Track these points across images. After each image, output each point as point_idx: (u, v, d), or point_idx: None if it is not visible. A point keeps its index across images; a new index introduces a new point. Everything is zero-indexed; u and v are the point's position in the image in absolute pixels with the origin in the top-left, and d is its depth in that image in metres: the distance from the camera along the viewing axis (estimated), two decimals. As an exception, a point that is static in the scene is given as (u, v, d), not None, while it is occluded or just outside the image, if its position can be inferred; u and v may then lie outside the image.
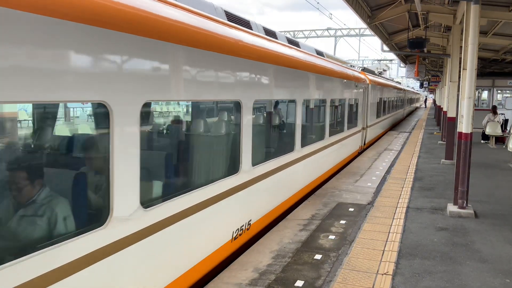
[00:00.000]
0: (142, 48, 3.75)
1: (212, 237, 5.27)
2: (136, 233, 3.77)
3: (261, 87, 6.53)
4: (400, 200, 8.81)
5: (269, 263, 5.53)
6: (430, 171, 12.13)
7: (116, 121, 3.46)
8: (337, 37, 35.41)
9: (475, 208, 8.07)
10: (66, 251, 3.06)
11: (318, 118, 10.20)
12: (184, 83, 4.46)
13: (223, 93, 5.35)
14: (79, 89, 3.11)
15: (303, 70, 8.38)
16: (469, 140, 7.82)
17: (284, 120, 8.66)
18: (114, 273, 3.57)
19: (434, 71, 31.92)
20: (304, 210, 8.01)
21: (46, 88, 2.85)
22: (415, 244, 6.30)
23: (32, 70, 2.75)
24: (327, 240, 6.38)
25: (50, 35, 2.85)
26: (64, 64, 2.99)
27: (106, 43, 3.32)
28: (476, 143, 16.66)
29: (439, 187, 10.07)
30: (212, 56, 4.95)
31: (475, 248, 6.21)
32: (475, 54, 7.58)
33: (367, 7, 13.54)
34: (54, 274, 2.96)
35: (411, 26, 15.25)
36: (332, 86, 10.81)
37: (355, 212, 7.92)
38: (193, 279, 4.87)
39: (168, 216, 4.23)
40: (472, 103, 7.76)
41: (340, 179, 10.85)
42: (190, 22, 4.65)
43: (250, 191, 6.13)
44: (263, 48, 6.67)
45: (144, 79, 3.80)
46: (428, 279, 5.14)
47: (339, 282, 4.97)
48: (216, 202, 5.17)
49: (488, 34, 14.57)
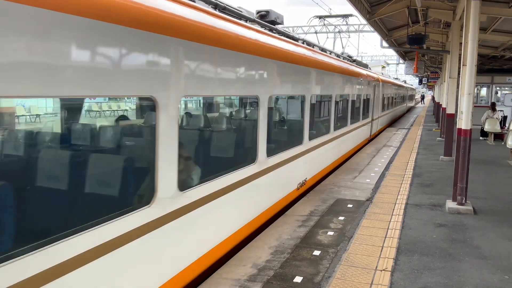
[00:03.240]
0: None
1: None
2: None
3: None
4: (399, 196, 8.80)
5: (268, 259, 5.52)
6: (429, 168, 12.13)
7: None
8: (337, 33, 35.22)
9: (474, 204, 8.07)
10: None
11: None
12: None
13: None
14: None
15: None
16: (468, 136, 7.81)
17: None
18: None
19: (433, 68, 31.89)
20: (303, 206, 8.00)
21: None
22: (414, 240, 6.29)
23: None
24: (325, 236, 6.37)
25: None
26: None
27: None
28: (475, 139, 16.66)
29: (438, 184, 10.07)
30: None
31: (474, 244, 6.20)
32: (475, 50, 7.56)
33: (367, 3, 13.48)
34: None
35: (411, 22, 15.22)
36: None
37: (353, 208, 7.91)
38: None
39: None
40: (472, 100, 7.75)
41: (339, 175, 10.84)
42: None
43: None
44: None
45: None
46: (427, 275, 5.14)
47: (338, 278, 4.96)
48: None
49: (487, 31, 14.54)
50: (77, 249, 3.19)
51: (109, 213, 3.57)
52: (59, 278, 3.06)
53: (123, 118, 5.03)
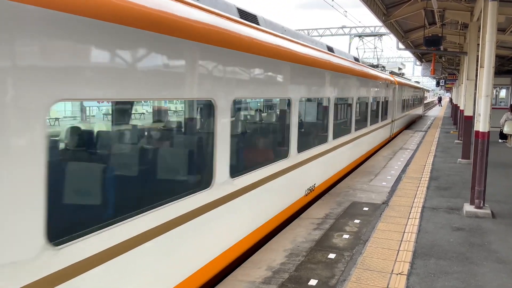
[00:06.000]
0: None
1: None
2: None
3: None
4: (415, 199, 8.72)
5: (283, 261, 5.53)
6: (446, 171, 11.99)
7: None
8: (352, 35, 35.13)
9: (493, 208, 7.94)
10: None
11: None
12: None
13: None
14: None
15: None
16: (486, 139, 7.71)
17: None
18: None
19: (451, 69, 31.47)
20: (318, 209, 7.98)
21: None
22: (430, 244, 6.23)
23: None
24: (341, 239, 6.35)
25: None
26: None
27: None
28: (494, 142, 16.39)
29: (456, 187, 9.94)
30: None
31: (492, 248, 6.11)
32: (493, 52, 7.46)
33: (382, 5, 13.40)
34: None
35: (427, 24, 15.06)
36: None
37: (369, 211, 7.86)
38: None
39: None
40: (489, 102, 7.64)
41: (355, 178, 10.78)
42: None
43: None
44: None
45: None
46: (444, 279, 5.09)
47: (353, 282, 4.95)
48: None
49: (506, 32, 14.30)
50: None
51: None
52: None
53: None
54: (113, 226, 3.43)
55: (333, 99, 9.48)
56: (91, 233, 3.23)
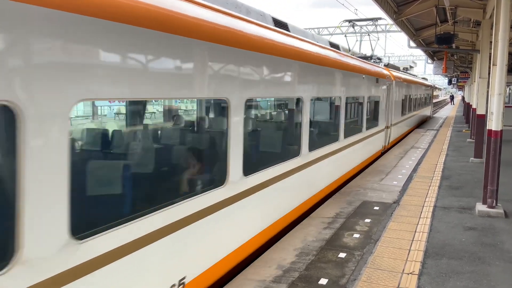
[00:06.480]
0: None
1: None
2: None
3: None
4: (427, 199, 8.66)
5: (293, 260, 5.53)
6: (458, 170, 11.88)
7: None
8: (363, 33, 34.78)
9: (505, 207, 7.86)
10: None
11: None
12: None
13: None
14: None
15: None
16: (499, 137, 7.63)
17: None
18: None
19: (463, 67, 31.15)
20: (328, 208, 7.97)
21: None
22: (442, 243, 6.19)
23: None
24: (351, 239, 6.33)
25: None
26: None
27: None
28: (506, 141, 16.17)
29: (468, 186, 9.85)
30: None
31: (505, 248, 6.05)
32: (506, 50, 7.39)
33: (393, 3, 13.32)
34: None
35: (439, 22, 14.92)
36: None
37: (380, 210, 7.83)
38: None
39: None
40: (502, 100, 7.56)
41: (365, 178, 10.74)
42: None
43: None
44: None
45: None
46: (455, 279, 5.05)
47: (364, 281, 4.93)
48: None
49: (519, 29, 14.13)
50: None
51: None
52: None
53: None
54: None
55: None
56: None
